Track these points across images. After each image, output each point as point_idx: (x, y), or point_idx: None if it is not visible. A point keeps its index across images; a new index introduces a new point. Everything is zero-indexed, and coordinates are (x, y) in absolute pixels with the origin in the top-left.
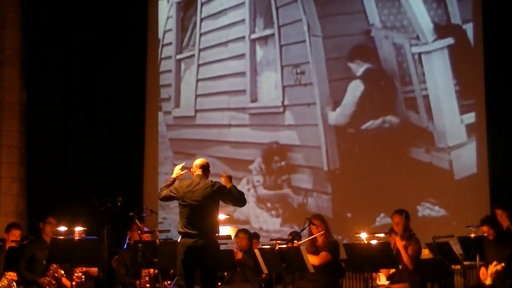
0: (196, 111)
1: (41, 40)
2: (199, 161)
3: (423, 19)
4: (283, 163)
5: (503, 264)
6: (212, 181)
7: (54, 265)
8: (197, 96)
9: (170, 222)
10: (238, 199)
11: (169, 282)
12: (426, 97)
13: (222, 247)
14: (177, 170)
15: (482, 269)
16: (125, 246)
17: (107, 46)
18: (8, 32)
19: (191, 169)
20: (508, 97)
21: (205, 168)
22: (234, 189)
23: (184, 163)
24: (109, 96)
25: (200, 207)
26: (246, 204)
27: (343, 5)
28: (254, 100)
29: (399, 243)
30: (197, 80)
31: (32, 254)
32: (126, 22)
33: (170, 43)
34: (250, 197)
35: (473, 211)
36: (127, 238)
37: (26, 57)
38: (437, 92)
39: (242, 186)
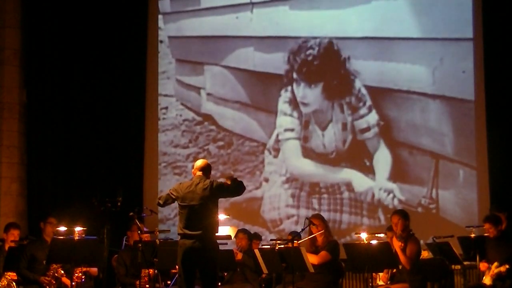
0: None
1: (41, 40)
2: (200, 162)
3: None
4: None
5: (507, 266)
6: (211, 181)
7: (54, 265)
8: None
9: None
10: (236, 189)
11: (169, 282)
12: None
13: (222, 247)
14: None
15: (484, 262)
16: (123, 247)
17: (107, 46)
18: (8, 32)
19: (192, 170)
20: (508, 97)
21: (205, 169)
22: (233, 182)
23: None
24: (109, 96)
25: (199, 208)
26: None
27: None
28: None
29: (396, 244)
30: None
31: (33, 253)
32: (126, 21)
33: None
34: None
35: (474, 210)
36: (125, 238)
37: (26, 57)
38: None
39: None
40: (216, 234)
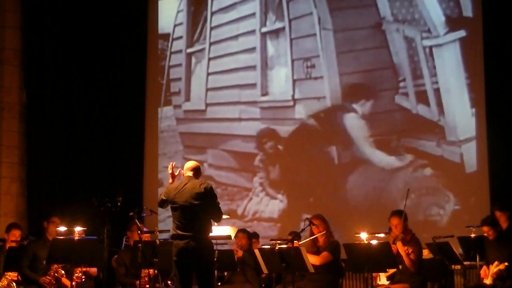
0: (207, 105)
1: (41, 40)
2: (190, 163)
3: (435, 12)
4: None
5: (506, 264)
6: (200, 181)
7: (55, 265)
8: (207, 90)
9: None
10: (218, 213)
11: (169, 282)
12: (437, 90)
13: (222, 247)
14: (169, 171)
15: (484, 267)
16: (122, 247)
17: (106, 45)
18: (8, 32)
19: (182, 171)
20: (508, 98)
21: (196, 170)
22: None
23: (173, 162)
24: (109, 95)
25: (190, 208)
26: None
27: None
28: (264, 94)
29: (401, 249)
30: (208, 74)
31: (35, 253)
32: (125, 20)
33: (181, 37)
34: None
35: (474, 211)
36: (124, 239)
37: (26, 57)
38: (448, 85)
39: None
40: (210, 233)
